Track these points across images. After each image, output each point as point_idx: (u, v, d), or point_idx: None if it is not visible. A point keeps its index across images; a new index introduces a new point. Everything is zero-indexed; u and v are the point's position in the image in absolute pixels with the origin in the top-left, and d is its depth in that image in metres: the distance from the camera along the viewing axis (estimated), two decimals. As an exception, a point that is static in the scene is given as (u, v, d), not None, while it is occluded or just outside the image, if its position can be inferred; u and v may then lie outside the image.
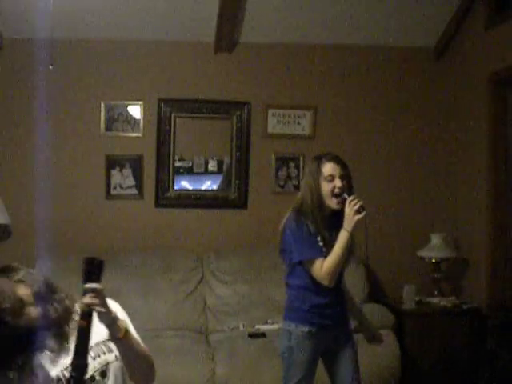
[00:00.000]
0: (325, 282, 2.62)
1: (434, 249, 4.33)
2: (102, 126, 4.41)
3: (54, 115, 4.31)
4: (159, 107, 4.44)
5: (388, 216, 4.65)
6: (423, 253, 4.36)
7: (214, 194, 4.56)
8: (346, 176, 2.71)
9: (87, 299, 1.58)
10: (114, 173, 4.44)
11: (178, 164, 4.50)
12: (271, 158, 4.57)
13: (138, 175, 4.46)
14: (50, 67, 4.11)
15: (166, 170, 4.48)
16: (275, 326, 3.96)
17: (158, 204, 4.49)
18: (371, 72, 4.67)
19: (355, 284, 4.29)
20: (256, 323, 4.03)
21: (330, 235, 2.69)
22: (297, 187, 4.58)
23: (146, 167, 4.46)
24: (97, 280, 1.62)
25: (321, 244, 2.66)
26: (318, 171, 2.69)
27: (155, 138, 4.45)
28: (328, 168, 2.69)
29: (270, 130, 4.57)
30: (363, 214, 2.59)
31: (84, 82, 4.39)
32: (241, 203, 4.56)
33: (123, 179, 4.45)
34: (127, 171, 4.45)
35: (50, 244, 4.18)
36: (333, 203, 2.67)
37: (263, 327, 3.99)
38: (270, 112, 4.56)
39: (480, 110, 4.26)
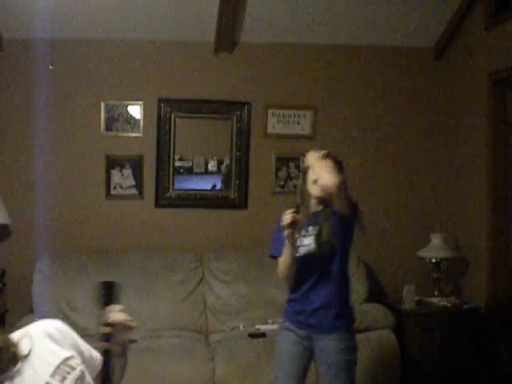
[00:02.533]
0: (282, 280, 2.73)
1: (434, 249, 4.33)
2: (102, 125, 4.41)
3: (53, 115, 4.31)
4: (159, 107, 4.44)
5: (388, 216, 4.66)
6: (423, 253, 4.36)
7: (214, 194, 4.56)
8: (334, 166, 2.59)
9: (118, 317, 1.61)
10: (114, 173, 4.44)
11: (177, 164, 4.50)
12: (271, 158, 4.57)
13: (137, 175, 4.46)
14: (50, 67, 4.12)
15: (165, 170, 4.48)
16: (275, 326, 3.96)
17: (157, 204, 4.49)
18: (371, 72, 4.67)
19: (355, 284, 4.30)
20: (256, 323, 4.03)
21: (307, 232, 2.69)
22: (297, 187, 4.58)
23: (145, 167, 4.46)
24: (115, 302, 1.66)
25: (297, 237, 2.67)
26: (306, 168, 2.69)
27: (155, 138, 4.45)
28: (312, 158, 2.66)
29: (269, 130, 4.57)
30: (286, 231, 2.55)
31: (84, 82, 4.38)
32: (241, 203, 4.56)
33: (123, 179, 4.45)
34: (127, 171, 4.45)
35: (50, 244, 4.18)
36: (314, 190, 2.64)
37: (263, 327, 3.98)
38: (270, 112, 4.56)
39: (480, 110, 4.26)
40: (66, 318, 3.63)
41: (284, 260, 2.65)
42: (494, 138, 4.13)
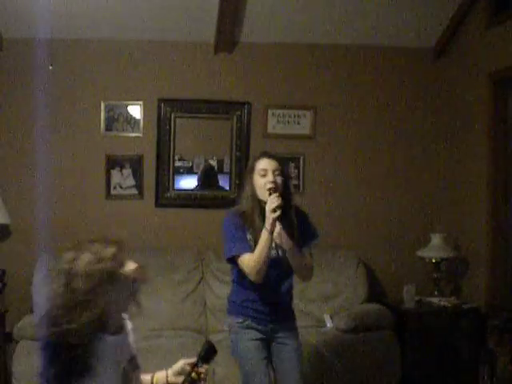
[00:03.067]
0: (251, 278, 2.67)
1: (434, 249, 4.33)
2: (102, 125, 4.41)
3: (53, 115, 4.31)
4: (159, 107, 4.44)
5: (388, 216, 4.66)
6: (423, 253, 4.36)
7: (213, 193, 4.56)
8: (279, 172, 2.71)
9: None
10: (114, 173, 4.44)
11: (177, 164, 4.50)
12: (271, 158, 4.57)
13: (138, 175, 4.46)
14: (50, 67, 4.12)
15: (166, 170, 4.48)
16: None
17: (157, 204, 4.49)
18: (371, 72, 4.67)
19: (355, 284, 4.30)
20: (256, 323, 4.02)
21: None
22: (297, 187, 4.59)
23: (145, 167, 4.46)
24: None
25: (250, 239, 2.69)
26: (253, 167, 2.75)
27: (155, 138, 4.45)
28: (262, 163, 2.72)
29: (269, 130, 4.57)
30: (277, 213, 2.56)
31: (84, 82, 4.38)
32: (241, 203, 4.55)
33: (123, 179, 4.45)
34: (127, 171, 4.45)
35: (50, 244, 4.18)
36: (266, 198, 2.67)
37: (263, 327, 3.98)
38: (270, 112, 4.56)
39: (480, 110, 4.26)
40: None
41: (260, 254, 2.61)
42: (494, 138, 4.13)
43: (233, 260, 2.73)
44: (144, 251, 4.27)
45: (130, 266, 1.79)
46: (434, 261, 4.34)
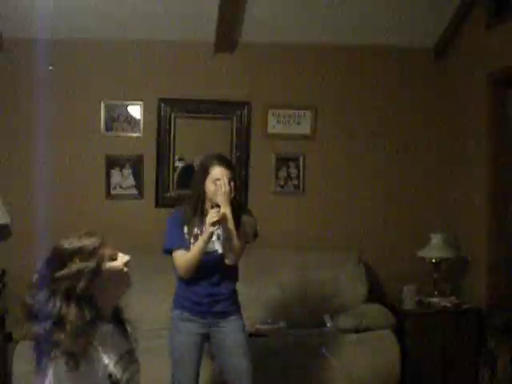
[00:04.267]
0: (180, 273, 2.86)
1: (434, 249, 4.33)
2: (102, 125, 4.41)
3: (54, 115, 4.31)
4: (159, 107, 4.44)
5: (388, 216, 4.66)
6: (423, 253, 4.36)
7: (213, 194, 4.56)
8: (232, 179, 2.88)
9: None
10: (114, 173, 4.44)
11: (177, 164, 4.50)
12: (271, 158, 4.57)
13: (138, 175, 4.46)
14: (50, 67, 4.12)
15: (166, 170, 4.48)
16: (275, 326, 3.97)
17: (158, 204, 4.49)
18: (371, 72, 4.67)
19: (355, 284, 4.30)
20: (256, 323, 4.02)
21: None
22: (297, 187, 4.59)
23: (146, 167, 4.46)
24: None
25: (187, 237, 2.86)
26: (206, 172, 2.87)
27: (155, 138, 4.45)
28: (217, 171, 2.85)
29: (269, 129, 4.57)
30: (215, 228, 2.76)
31: (84, 81, 4.38)
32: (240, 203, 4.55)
33: (123, 179, 4.45)
34: (127, 171, 4.45)
35: (50, 244, 4.17)
36: (217, 198, 2.85)
37: (263, 327, 3.98)
38: (270, 112, 4.56)
39: (480, 110, 4.26)
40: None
41: (193, 257, 2.80)
42: (494, 138, 4.13)
43: (168, 251, 2.92)
44: (144, 251, 4.28)
45: (121, 260, 1.88)
46: (434, 261, 4.34)
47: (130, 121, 4.45)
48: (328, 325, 4.08)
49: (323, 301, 4.22)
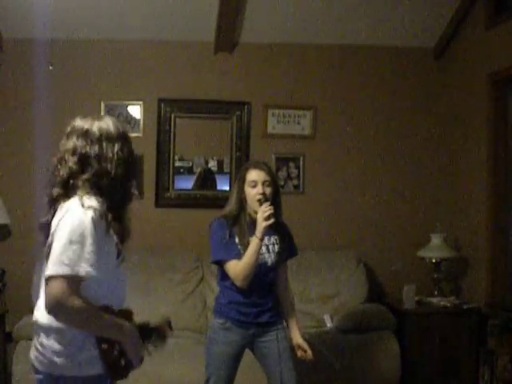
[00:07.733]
0: (237, 283, 2.75)
1: (434, 249, 4.33)
2: (102, 125, 4.40)
3: (53, 115, 4.30)
4: (159, 107, 4.44)
5: (388, 216, 4.66)
6: (423, 253, 4.36)
7: (214, 194, 4.56)
8: (269, 182, 2.81)
9: None
10: (114, 173, 4.43)
11: (177, 164, 4.50)
12: (271, 158, 4.57)
13: (137, 175, 4.46)
14: (50, 67, 4.12)
15: (166, 170, 4.48)
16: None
17: (158, 204, 4.49)
18: (371, 72, 4.67)
19: (355, 284, 4.30)
20: (256, 323, 4.02)
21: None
22: (297, 187, 4.59)
23: (146, 167, 4.46)
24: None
25: (239, 247, 2.77)
26: (243, 178, 2.83)
27: (155, 138, 4.46)
28: (252, 174, 2.81)
29: (269, 130, 4.57)
30: (271, 221, 2.67)
31: (84, 81, 4.38)
32: (241, 203, 4.55)
33: (123, 179, 4.44)
34: (127, 171, 4.45)
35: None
36: (257, 208, 2.76)
37: (263, 327, 3.98)
38: (270, 112, 4.56)
39: (480, 110, 4.26)
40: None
41: (249, 260, 2.70)
42: (494, 138, 4.13)
43: (218, 262, 2.82)
44: (144, 251, 4.28)
45: None
46: (434, 261, 4.34)
47: (130, 121, 4.45)
48: (328, 325, 4.08)
49: (323, 301, 4.22)
